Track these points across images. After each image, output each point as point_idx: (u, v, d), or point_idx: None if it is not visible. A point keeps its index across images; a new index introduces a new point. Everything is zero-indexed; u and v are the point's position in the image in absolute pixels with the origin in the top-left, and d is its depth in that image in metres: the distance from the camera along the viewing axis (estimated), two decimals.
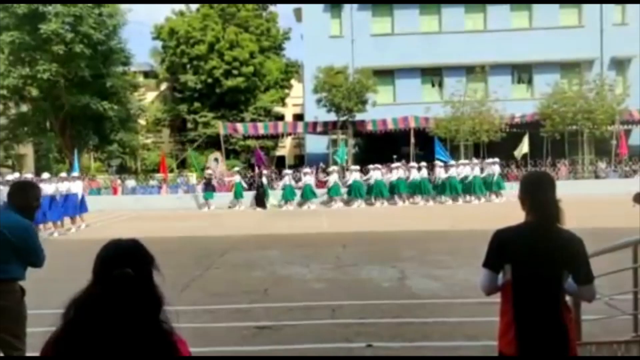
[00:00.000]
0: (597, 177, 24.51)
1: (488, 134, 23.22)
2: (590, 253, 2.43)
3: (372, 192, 20.46)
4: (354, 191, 20.46)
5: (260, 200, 20.83)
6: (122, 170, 36.03)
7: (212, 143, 32.70)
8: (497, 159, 21.43)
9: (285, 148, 42.69)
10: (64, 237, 14.09)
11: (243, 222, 16.40)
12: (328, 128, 26.56)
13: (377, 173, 20.59)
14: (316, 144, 29.66)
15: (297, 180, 21.56)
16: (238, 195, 21.19)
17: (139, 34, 55.48)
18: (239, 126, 28.99)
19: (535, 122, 24.67)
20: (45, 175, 15.69)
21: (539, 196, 2.39)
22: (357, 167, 21.03)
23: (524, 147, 23.39)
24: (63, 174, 16.87)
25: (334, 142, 26.65)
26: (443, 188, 20.50)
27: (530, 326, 2.31)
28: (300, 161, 34.42)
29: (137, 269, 1.54)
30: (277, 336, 5.30)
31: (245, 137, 32.89)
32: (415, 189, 20.56)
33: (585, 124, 23.94)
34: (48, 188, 14.19)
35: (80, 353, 1.45)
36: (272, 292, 7.14)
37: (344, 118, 25.06)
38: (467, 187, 20.33)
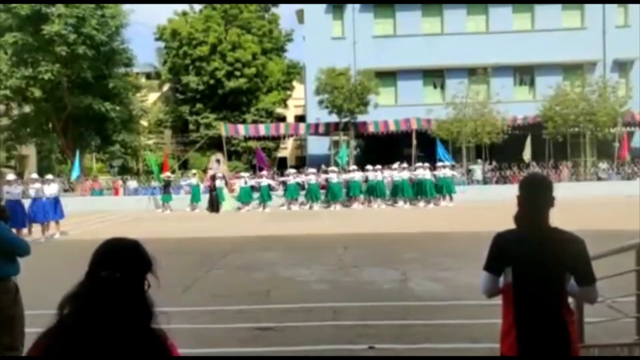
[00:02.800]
0: (599, 179, 24.48)
1: (490, 135, 23.20)
2: (592, 255, 2.42)
3: (328, 195, 20.43)
4: (310, 194, 20.43)
5: (213, 204, 20.57)
6: (124, 171, 36.10)
7: (214, 144, 32.76)
8: (448, 163, 21.32)
9: (287, 149, 42.74)
10: (62, 238, 14.01)
11: (244, 223, 16.40)
12: (330, 129, 26.57)
13: (333, 175, 20.58)
14: (318, 146, 29.68)
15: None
16: (195, 199, 21.06)
17: (142, 35, 55.64)
18: (240, 127, 29.02)
19: (538, 124, 24.66)
20: (11, 176, 14.04)
21: (527, 198, 2.40)
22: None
23: (526, 149, 23.45)
24: (34, 175, 15.05)
25: (336, 144, 26.67)
26: (396, 191, 20.44)
27: (531, 328, 2.30)
28: (302, 162, 34.45)
29: (127, 271, 1.51)
30: (279, 338, 5.30)
31: (247, 139, 32.95)
32: (372, 191, 20.48)
33: (588, 126, 23.91)
34: (14, 191, 12.79)
35: (69, 353, 1.43)
36: (273, 293, 7.14)
37: (346, 119, 25.07)
38: (420, 190, 20.27)
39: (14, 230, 12.11)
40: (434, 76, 30.11)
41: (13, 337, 3.52)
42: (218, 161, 28.44)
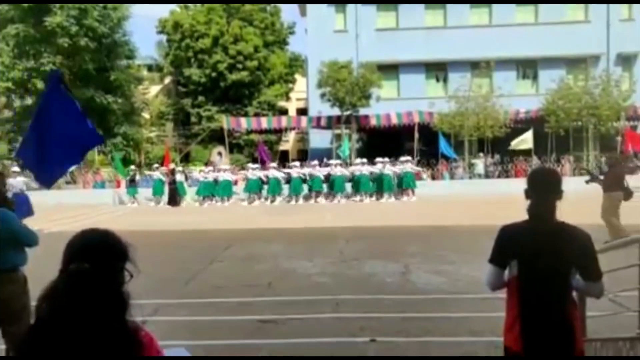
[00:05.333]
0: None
1: (492, 129, 23.13)
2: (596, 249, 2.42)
3: (291, 189, 20.43)
4: (271, 188, 20.47)
5: (173, 198, 20.50)
6: (126, 163, 36.09)
7: (216, 137, 32.75)
8: (409, 157, 21.22)
9: (288, 143, 42.70)
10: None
11: (245, 216, 16.42)
12: (332, 123, 26.53)
13: (294, 171, 20.61)
14: (320, 139, 29.64)
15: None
16: (158, 192, 21.07)
17: (144, 27, 55.41)
18: (243, 120, 28.99)
19: (540, 117, 24.57)
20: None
21: (533, 191, 2.40)
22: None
23: (525, 141, 23.37)
24: None
25: (338, 137, 26.62)
26: (357, 185, 20.40)
27: (535, 322, 2.30)
28: (304, 156, 34.45)
29: (99, 263, 1.48)
30: (281, 330, 5.31)
31: (249, 132, 32.92)
32: (331, 186, 20.44)
33: (590, 120, 23.83)
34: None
35: (44, 350, 1.42)
36: (275, 285, 7.15)
37: (348, 113, 25.02)
38: (380, 185, 20.20)
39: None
40: (437, 69, 30.00)
41: (20, 328, 3.52)
42: (220, 154, 28.47)
